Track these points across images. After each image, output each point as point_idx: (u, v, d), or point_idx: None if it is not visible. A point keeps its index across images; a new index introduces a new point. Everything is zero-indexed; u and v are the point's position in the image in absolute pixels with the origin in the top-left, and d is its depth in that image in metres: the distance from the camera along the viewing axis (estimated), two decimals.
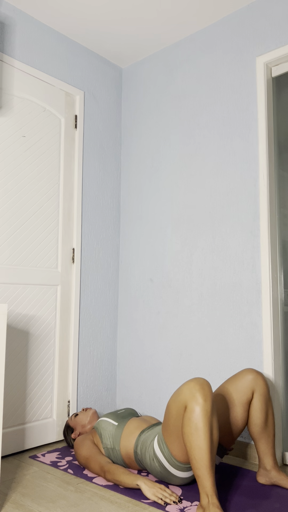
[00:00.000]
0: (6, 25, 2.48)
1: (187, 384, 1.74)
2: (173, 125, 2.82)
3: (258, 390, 1.95)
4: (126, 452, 2.03)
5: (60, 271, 2.64)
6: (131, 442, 2.02)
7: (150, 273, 2.83)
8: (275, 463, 1.96)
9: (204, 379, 1.75)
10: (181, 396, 1.73)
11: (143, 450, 1.95)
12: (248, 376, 1.97)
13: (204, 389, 1.69)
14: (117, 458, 2.06)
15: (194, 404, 1.67)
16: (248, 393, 1.95)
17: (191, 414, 1.67)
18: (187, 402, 1.70)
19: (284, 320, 2.33)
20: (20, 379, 2.40)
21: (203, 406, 1.66)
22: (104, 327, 2.90)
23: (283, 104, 2.42)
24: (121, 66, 3.16)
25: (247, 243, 2.39)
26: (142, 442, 1.98)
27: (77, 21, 2.66)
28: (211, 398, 1.69)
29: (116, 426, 2.11)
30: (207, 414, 1.66)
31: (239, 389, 1.96)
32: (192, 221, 2.65)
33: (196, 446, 1.65)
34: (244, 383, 1.96)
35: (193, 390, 1.69)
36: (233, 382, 1.99)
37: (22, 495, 1.85)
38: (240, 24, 2.52)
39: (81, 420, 2.34)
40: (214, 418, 1.69)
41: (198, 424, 1.65)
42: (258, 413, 1.94)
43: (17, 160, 2.48)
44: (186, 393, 1.71)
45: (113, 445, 2.06)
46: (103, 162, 2.98)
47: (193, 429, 1.66)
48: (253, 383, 1.95)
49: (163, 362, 2.71)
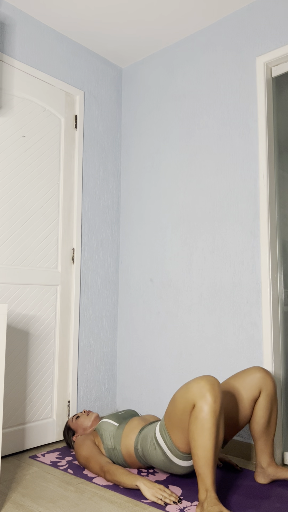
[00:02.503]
0: (6, 25, 2.48)
1: (197, 382, 1.71)
2: (173, 125, 2.82)
3: (265, 389, 1.94)
4: (127, 450, 2.03)
5: (60, 271, 2.64)
6: (132, 440, 2.03)
7: (150, 273, 2.83)
8: (272, 460, 1.97)
9: (215, 378, 1.73)
10: (190, 393, 1.71)
11: (144, 443, 1.96)
12: (257, 374, 1.96)
13: (215, 389, 1.68)
14: (118, 458, 2.06)
15: (203, 403, 1.66)
16: (255, 391, 1.94)
17: (199, 413, 1.66)
18: (196, 401, 1.68)
19: (284, 320, 2.33)
20: (20, 379, 2.40)
21: (212, 406, 1.65)
22: (104, 327, 2.90)
23: (283, 104, 2.42)
24: (121, 66, 3.16)
25: (247, 243, 2.39)
26: (142, 437, 1.98)
27: (77, 21, 2.66)
28: (220, 398, 1.68)
29: (117, 426, 2.11)
30: (215, 415, 1.65)
31: (247, 386, 1.95)
32: (192, 221, 2.65)
33: (200, 445, 1.65)
34: (252, 380, 1.95)
35: (203, 389, 1.68)
36: (241, 378, 1.98)
37: (22, 495, 1.85)
38: (240, 24, 2.52)
39: (82, 423, 2.33)
40: (221, 418, 1.68)
41: (205, 424, 1.64)
42: (263, 412, 1.94)
43: (17, 160, 2.48)
44: (196, 391, 1.69)
45: (114, 445, 2.06)
46: (103, 162, 2.98)
47: (199, 428, 1.65)
48: (261, 382, 1.94)
49: (163, 362, 2.71)
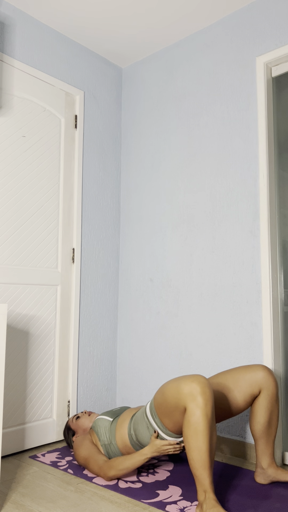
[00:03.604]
0: (6, 25, 2.48)
1: (188, 383, 1.71)
2: (173, 125, 2.82)
3: (267, 389, 1.93)
4: (122, 441, 2.04)
5: (60, 271, 2.64)
6: (125, 428, 2.04)
7: (150, 273, 2.83)
8: (272, 461, 1.96)
9: (205, 378, 1.73)
10: (181, 395, 1.72)
11: (136, 426, 1.97)
12: (259, 372, 1.95)
13: (205, 392, 1.68)
14: (115, 453, 2.06)
15: (194, 407, 1.67)
16: (254, 389, 1.94)
17: (191, 417, 1.67)
18: (187, 404, 1.69)
19: (284, 320, 2.33)
20: (20, 379, 2.40)
21: (204, 409, 1.66)
22: (104, 327, 2.90)
23: (283, 104, 2.42)
24: (121, 66, 3.16)
25: (247, 243, 2.39)
26: (134, 422, 2.00)
27: (77, 21, 2.66)
28: (211, 400, 1.69)
29: (111, 421, 2.13)
30: (207, 418, 1.66)
31: (247, 381, 1.95)
32: (192, 221, 2.65)
33: (195, 447, 1.65)
34: (253, 377, 1.95)
35: (194, 392, 1.68)
36: (242, 373, 1.97)
37: (22, 495, 1.85)
38: (240, 24, 2.52)
39: (83, 423, 2.33)
40: (213, 420, 1.69)
41: (198, 428, 1.65)
42: (263, 412, 1.94)
43: (17, 160, 2.48)
44: (187, 393, 1.70)
45: (110, 439, 2.07)
46: (103, 162, 2.98)
47: (193, 431, 1.66)
48: (263, 381, 1.94)
49: (163, 362, 2.71)
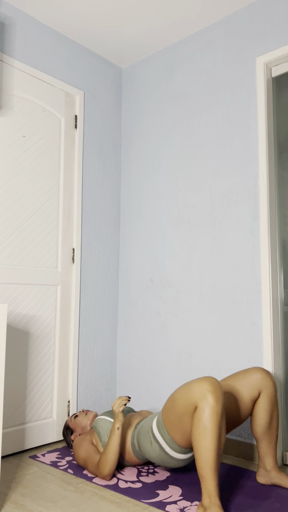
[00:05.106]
0: (6, 25, 2.48)
1: (199, 383, 1.71)
2: (173, 125, 2.82)
3: (265, 390, 1.93)
4: (123, 446, 2.04)
5: (60, 271, 2.64)
6: (128, 435, 2.05)
7: (150, 273, 2.83)
8: (275, 464, 1.96)
9: (216, 379, 1.73)
10: (191, 394, 1.71)
11: (140, 438, 1.97)
12: (256, 375, 1.95)
13: (216, 390, 1.68)
14: None
15: (205, 405, 1.66)
16: (254, 392, 1.94)
17: (201, 415, 1.66)
18: (198, 402, 1.68)
19: (284, 320, 2.33)
20: (20, 379, 2.40)
21: (214, 408, 1.65)
22: (104, 327, 2.90)
23: (283, 104, 2.42)
24: (121, 66, 3.16)
25: (247, 243, 2.39)
26: (138, 432, 2.00)
27: (77, 21, 2.66)
28: (222, 400, 1.68)
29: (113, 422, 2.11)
30: (217, 416, 1.65)
31: (246, 386, 1.95)
32: (192, 221, 2.65)
33: (203, 446, 1.65)
34: (252, 381, 1.95)
35: (204, 391, 1.68)
36: (240, 378, 1.97)
37: (22, 495, 1.85)
38: (240, 24, 2.52)
39: (81, 422, 2.33)
40: (223, 420, 1.68)
41: (207, 425, 1.65)
42: (263, 414, 1.94)
43: (17, 160, 2.48)
44: (197, 392, 1.69)
45: None
46: (103, 162, 2.98)
47: (201, 429, 1.65)
48: (261, 383, 1.93)
49: (163, 362, 2.71)
